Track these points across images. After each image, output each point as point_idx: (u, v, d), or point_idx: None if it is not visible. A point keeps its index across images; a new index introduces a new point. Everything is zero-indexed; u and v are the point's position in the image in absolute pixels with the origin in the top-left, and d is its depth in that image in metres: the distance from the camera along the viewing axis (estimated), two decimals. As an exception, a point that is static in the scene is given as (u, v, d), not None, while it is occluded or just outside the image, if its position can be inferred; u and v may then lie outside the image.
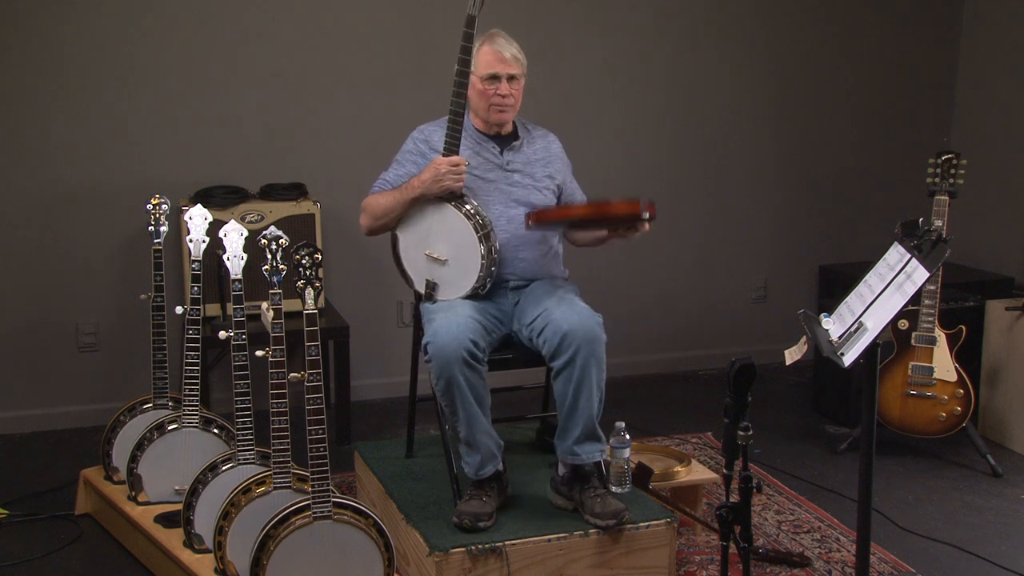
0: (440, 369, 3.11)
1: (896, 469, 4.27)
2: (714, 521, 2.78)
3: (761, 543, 3.59)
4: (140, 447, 3.50)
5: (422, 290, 3.38)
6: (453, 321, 3.15)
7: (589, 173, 3.89)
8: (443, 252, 3.32)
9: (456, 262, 3.30)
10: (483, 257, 3.26)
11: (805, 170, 5.57)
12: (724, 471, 2.63)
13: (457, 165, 3.26)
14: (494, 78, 3.33)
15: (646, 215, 3.18)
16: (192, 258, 3.53)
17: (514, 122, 3.49)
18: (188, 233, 3.52)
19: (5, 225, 4.54)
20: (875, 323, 2.62)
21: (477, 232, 3.25)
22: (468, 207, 3.29)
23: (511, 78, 3.35)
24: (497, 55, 3.33)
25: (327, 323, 4.48)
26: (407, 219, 3.37)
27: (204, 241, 3.51)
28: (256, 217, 4.41)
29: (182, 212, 4.00)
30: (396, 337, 5.00)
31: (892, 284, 2.66)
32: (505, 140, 3.46)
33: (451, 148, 3.29)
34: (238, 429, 3.23)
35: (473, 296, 3.32)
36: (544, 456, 3.63)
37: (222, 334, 3.22)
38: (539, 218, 3.23)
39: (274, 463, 3.04)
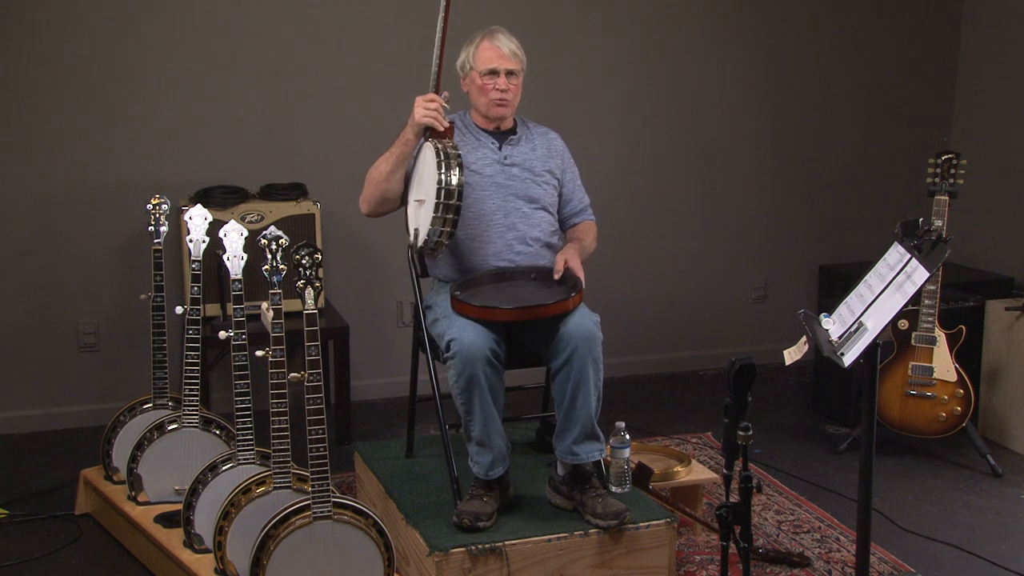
0: (463, 366, 3.10)
1: (896, 469, 4.27)
2: (714, 521, 2.78)
3: (761, 543, 3.59)
4: (140, 447, 3.50)
5: (412, 240, 3.32)
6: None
7: (589, 173, 3.89)
8: (423, 192, 3.27)
9: (429, 198, 3.21)
10: (440, 184, 3.13)
11: (805, 170, 5.57)
12: (724, 471, 2.63)
13: (431, 100, 3.25)
14: (493, 73, 3.35)
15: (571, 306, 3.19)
16: (192, 258, 3.53)
17: (514, 119, 3.50)
18: (188, 233, 3.52)
19: (5, 225, 4.54)
20: (875, 323, 2.62)
21: (438, 157, 3.17)
22: (445, 141, 3.23)
23: (510, 73, 3.36)
24: (496, 51, 3.36)
25: (327, 323, 4.48)
26: (411, 178, 3.36)
27: (204, 241, 3.51)
28: (256, 217, 4.41)
29: (182, 212, 4.00)
30: (396, 337, 5.00)
31: (892, 284, 2.66)
32: (504, 135, 3.47)
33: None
34: (238, 429, 3.23)
35: (438, 246, 3.23)
36: (544, 456, 3.64)
37: (222, 334, 3.22)
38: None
39: (274, 463, 3.04)
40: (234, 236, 3.23)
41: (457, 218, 3.19)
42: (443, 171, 3.15)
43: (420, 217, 3.28)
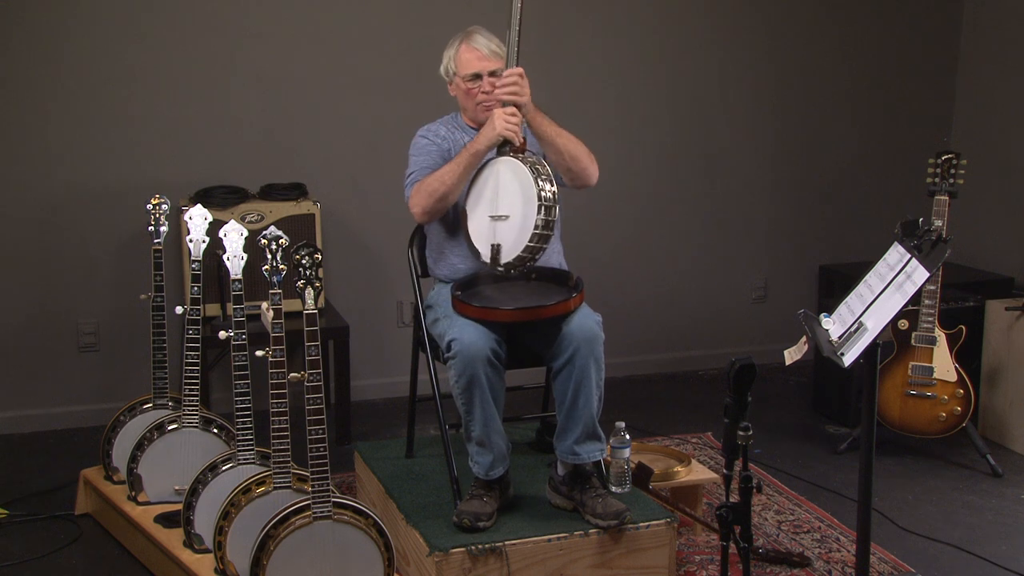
0: (464, 366, 3.10)
1: (896, 469, 4.27)
2: (714, 521, 2.78)
3: (761, 543, 3.59)
4: (140, 447, 3.50)
5: (488, 258, 3.24)
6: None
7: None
8: (505, 208, 3.19)
9: (516, 214, 3.16)
10: (541, 199, 3.08)
11: (805, 170, 5.56)
12: (724, 471, 2.63)
13: (513, 115, 3.20)
14: (476, 77, 3.34)
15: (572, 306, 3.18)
16: (192, 258, 3.53)
17: None
18: (188, 233, 3.52)
19: (6, 225, 4.54)
20: (875, 323, 2.62)
21: (533, 172, 3.12)
22: (527, 154, 3.20)
23: (492, 73, 3.34)
24: (475, 53, 3.34)
25: (327, 323, 4.48)
26: (473, 191, 3.30)
27: (204, 241, 3.51)
28: (256, 217, 4.41)
29: (182, 212, 4.00)
30: (396, 337, 5.00)
31: (892, 284, 2.66)
32: None
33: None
34: (238, 429, 3.23)
35: (522, 262, 3.15)
36: (544, 456, 3.64)
37: (222, 334, 3.22)
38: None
39: (274, 463, 3.04)
40: (234, 236, 3.23)
41: (552, 234, 3.15)
42: (541, 186, 3.09)
43: (501, 233, 3.21)
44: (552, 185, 3.12)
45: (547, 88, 4.93)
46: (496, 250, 3.21)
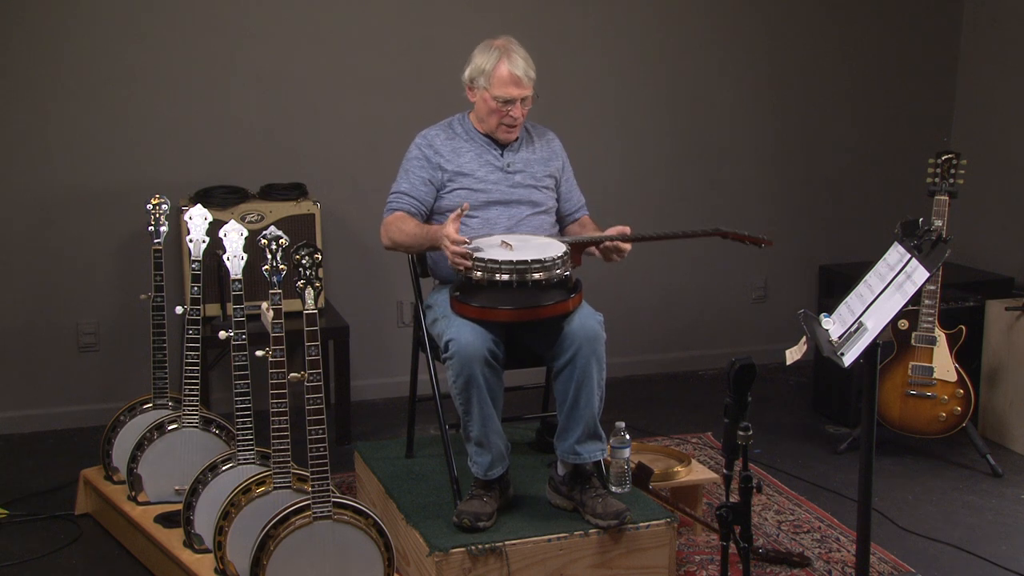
0: (461, 367, 3.10)
1: (896, 469, 4.27)
2: (714, 521, 2.79)
3: (761, 543, 3.59)
4: (140, 447, 3.50)
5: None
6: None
7: (589, 174, 3.89)
8: (519, 244, 3.24)
9: (521, 251, 3.19)
10: (546, 259, 3.13)
11: (805, 170, 5.56)
12: (724, 471, 2.63)
13: (465, 258, 3.16)
14: (509, 102, 3.34)
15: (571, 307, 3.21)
16: (192, 258, 3.54)
17: None
18: (188, 233, 3.52)
19: (5, 225, 4.54)
20: (875, 323, 2.62)
21: (562, 255, 3.18)
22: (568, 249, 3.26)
23: (523, 100, 3.35)
24: (514, 78, 3.31)
25: (327, 323, 4.48)
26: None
27: (204, 241, 3.51)
28: (256, 217, 4.42)
29: (182, 212, 4.00)
30: (396, 337, 5.00)
31: (892, 284, 2.66)
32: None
33: None
34: (238, 429, 3.23)
35: (468, 272, 3.17)
36: (544, 456, 3.64)
37: (222, 334, 3.23)
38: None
39: (274, 463, 3.04)
40: (234, 236, 3.23)
41: (525, 282, 3.12)
42: (556, 261, 3.14)
43: (496, 251, 3.19)
44: (565, 271, 3.17)
45: (547, 88, 4.94)
46: (474, 248, 3.21)
